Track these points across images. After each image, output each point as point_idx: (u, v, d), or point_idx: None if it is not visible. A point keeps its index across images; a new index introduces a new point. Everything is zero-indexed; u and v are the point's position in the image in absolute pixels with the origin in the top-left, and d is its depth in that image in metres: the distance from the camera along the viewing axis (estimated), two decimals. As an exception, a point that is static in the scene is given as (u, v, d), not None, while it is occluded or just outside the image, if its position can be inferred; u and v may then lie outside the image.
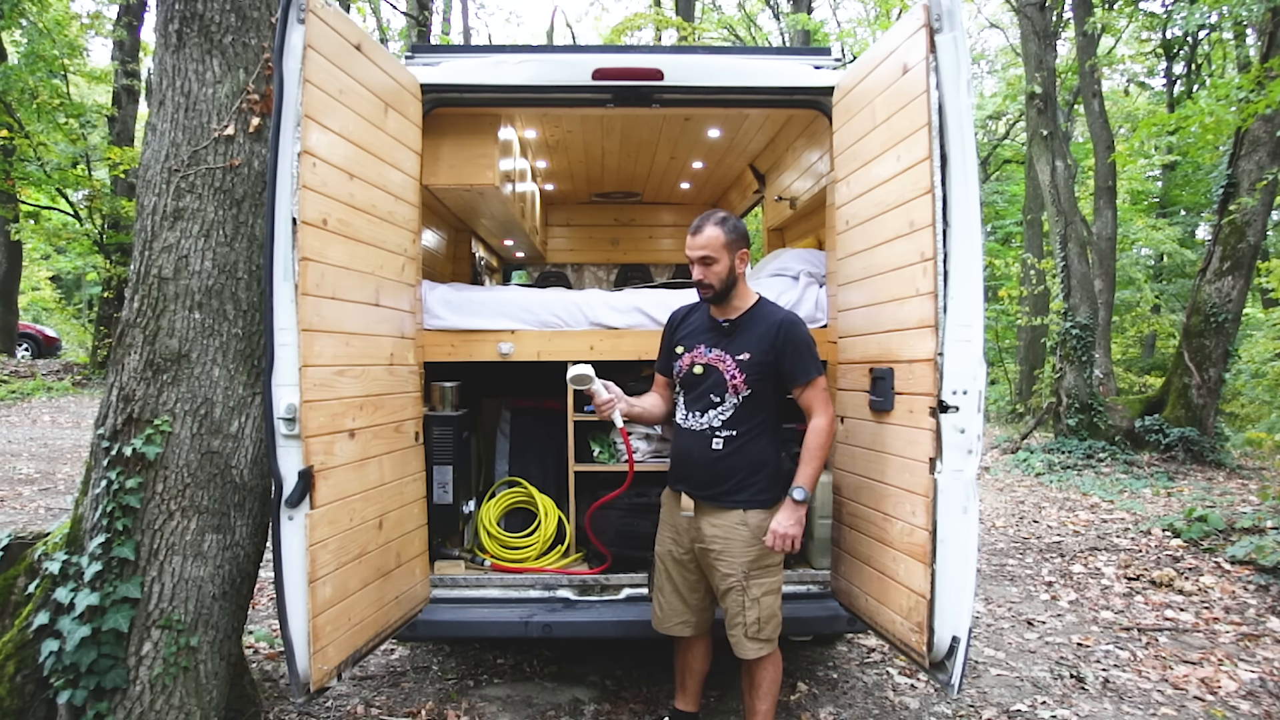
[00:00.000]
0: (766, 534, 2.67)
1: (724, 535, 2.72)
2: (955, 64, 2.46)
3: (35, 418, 11.15)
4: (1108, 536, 6.54)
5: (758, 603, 2.70)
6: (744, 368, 2.69)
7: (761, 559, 2.71)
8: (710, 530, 2.74)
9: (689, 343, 2.82)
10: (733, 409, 2.71)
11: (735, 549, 2.70)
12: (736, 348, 2.72)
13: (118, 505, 2.59)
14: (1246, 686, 3.72)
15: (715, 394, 2.73)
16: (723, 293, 2.72)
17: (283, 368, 2.42)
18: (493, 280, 6.63)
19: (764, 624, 2.71)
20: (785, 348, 2.68)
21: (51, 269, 24.11)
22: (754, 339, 2.71)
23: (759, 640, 2.71)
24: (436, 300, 3.47)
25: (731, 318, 2.77)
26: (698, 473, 2.75)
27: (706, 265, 2.68)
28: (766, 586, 2.72)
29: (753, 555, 2.70)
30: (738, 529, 2.70)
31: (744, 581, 2.70)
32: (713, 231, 2.67)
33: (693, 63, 3.42)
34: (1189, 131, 9.56)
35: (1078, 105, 16.68)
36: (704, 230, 2.68)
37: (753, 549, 2.69)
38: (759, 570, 2.71)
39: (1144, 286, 17.92)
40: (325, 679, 2.47)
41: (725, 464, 2.71)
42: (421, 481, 3.22)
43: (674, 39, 16.88)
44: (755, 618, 2.70)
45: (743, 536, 2.70)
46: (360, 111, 2.75)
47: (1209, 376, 9.51)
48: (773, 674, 2.80)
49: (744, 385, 2.69)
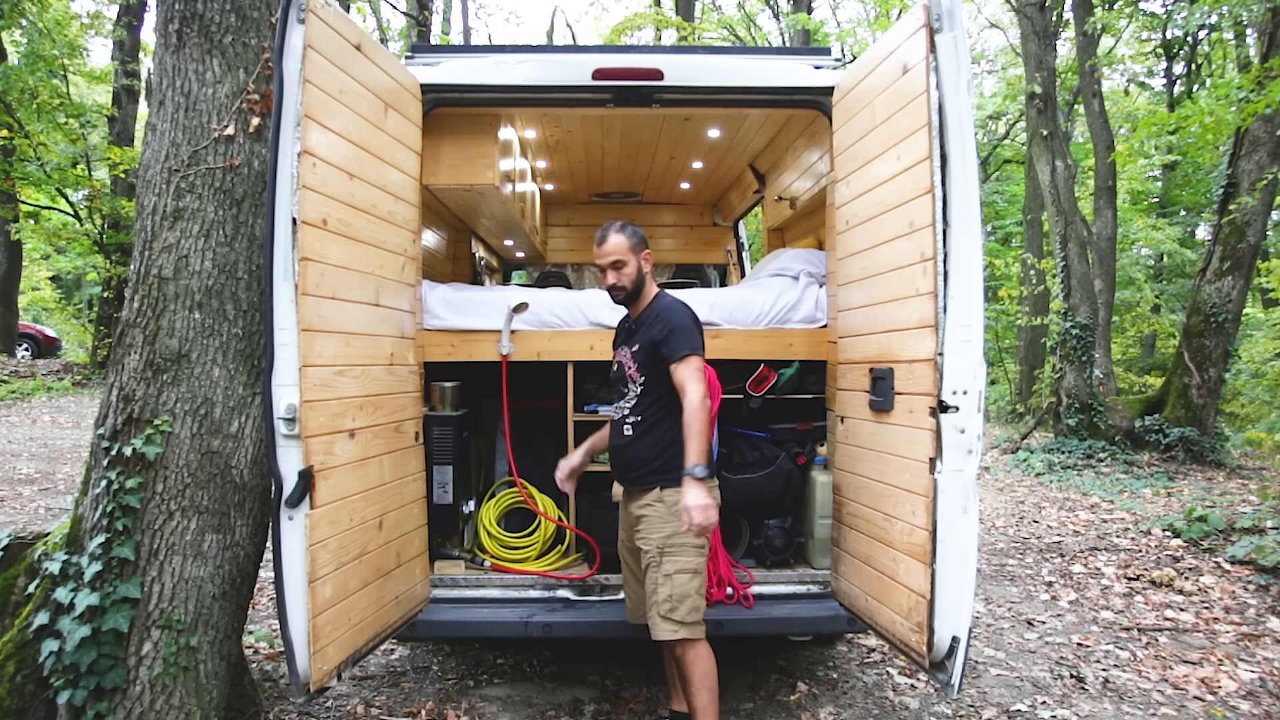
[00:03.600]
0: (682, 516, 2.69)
1: (644, 514, 2.86)
2: (955, 64, 2.46)
3: (35, 418, 11.15)
4: (1108, 536, 6.54)
5: (670, 579, 2.75)
6: (635, 357, 2.91)
7: (675, 536, 2.77)
8: (635, 513, 2.90)
9: (616, 344, 3.12)
10: (635, 397, 2.91)
11: (652, 526, 2.83)
12: (634, 342, 2.93)
13: (118, 505, 2.59)
14: (1246, 686, 3.72)
15: (623, 385, 2.97)
16: (634, 293, 2.93)
17: (283, 368, 2.42)
18: (493, 280, 6.63)
19: (677, 603, 2.72)
20: (662, 332, 2.82)
21: (51, 269, 24.11)
22: (645, 331, 2.90)
23: (672, 621, 2.72)
24: (436, 300, 3.47)
25: (635, 316, 2.99)
26: (617, 459, 2.99)
27: (618, 269, 2.90)
28: (680, 565, 2.76)
29: (667, 532, 2.79)
30: (654, 506, 2.83)
31: (659, 558, 2.78)
32: (617, 238, 2.89)
33: (693, 63, 3.42)
34: (1189, 131, 9.55)
35: (1078, 105, 16.69)
36: (609, 238, 2.90)
37: (667, 525, 2.79)
38: (673, 548, 2.78)
39: (1144, 286, 17.92)
40: (325, 679, 2.47)
41: (635, 447, 2.90)
42: (421, 481, 3.22)
43: (674, 39, 16.87)
44: (668, 594, 2.73)
45: (659, 513, 2.82)
46: (360, 111, 2.75)
47: (1209, 376, 9.51)
48: (703, 667, 2.74)
49: (637, 374, 2.90)
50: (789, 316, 3.60)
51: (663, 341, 2.80)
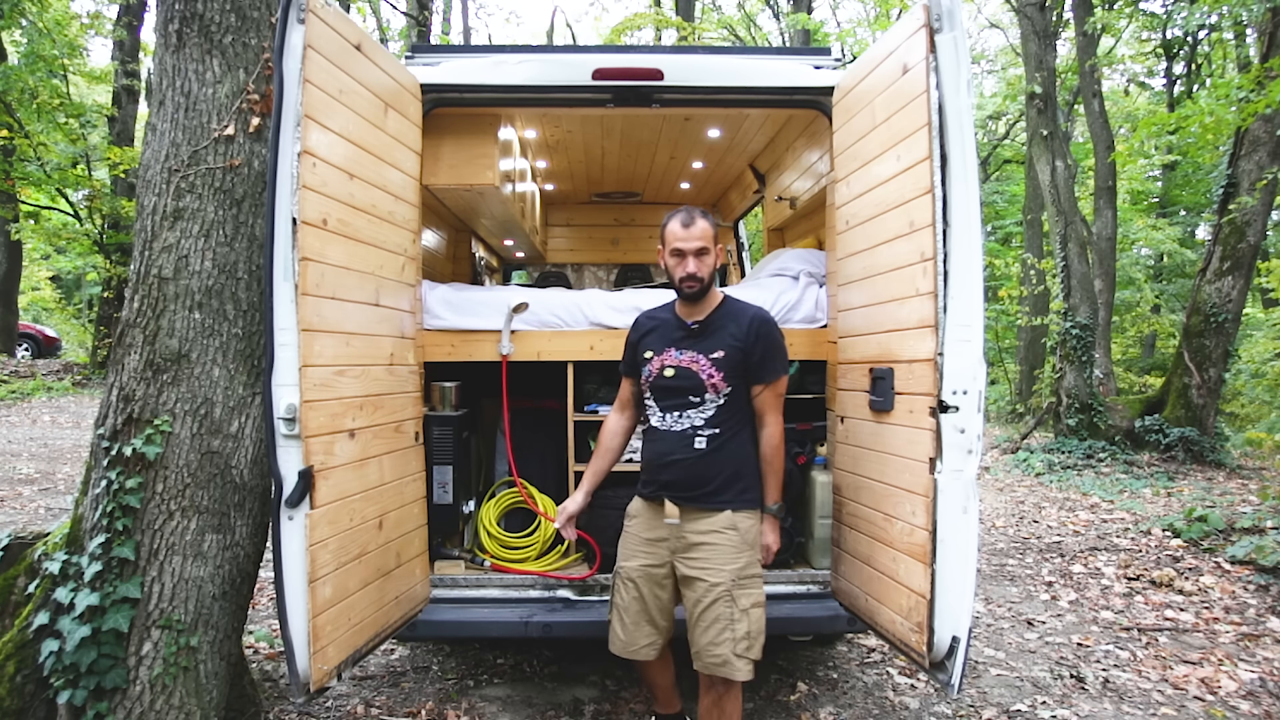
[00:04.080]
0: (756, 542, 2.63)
1: (711, 540, 2.58)
2: (955, 64, 2.46)
3: (35, 418, 11.15)
4: (1108, 536, 6.54)
5: (747, 614, 2.53)
6: (719, 365, 2.63)
7: (749, 567, 2.58)
8: (696, 536, 2.59)
9: (657, 346, 2.72)
10: (714, 408, 2.64)
11: (724, 555, 2.56)
12: (709, 347, 2.65)
13: (118, 505, 2.59)
14: (1246, 686, 3.72)
15: (694, 394, 2.64)
16: (708, 287, 2.66)
17: (283, 368, 2.42)
18: (493, 280, 6.63)
19: (754, 640, 2.53)
20: (758, 343, 2.64)
21: (51, 269, 24.12)
22: (727, 336, 2.65)
23: (747, 659, 2.52)
24: (436, 300, 3.47)
25: (700, 318, 2.70)
26: (681, 474, 2.62)
27: (701, 257, 2.61)
28: (755, 599, 2.57)
29: (741, 563, 2.56)
30: (727, 533, 2.58)
31: (732, 590, 2.53)
32: (704, 223, 2.63)
33: (693, 63, 3.42)
34: (1189, 131, 9.55)
35: (1078, 105, 16.69)
36: (696, 222, 2.62)
37: (742, 556, 2.57)
38: (748, 580, 2.57)
39: (1144, 286, 17.93)
40: (325, 679, 2.47)
41: (706, 463, 2.61)
42: (421, 481, 3.22)
43: (674, 39, 16.88)
44: (745, 632, 2.52)
45: (732, 541, 2.57)
46: (360, 111, 2.75)
47: (1209, 376, 9.51)
48: (739, 705, 2.62)
49: (723, 383, 2.63)
50: (789, 316, 3.60)
51: (760, 357, 2.63)
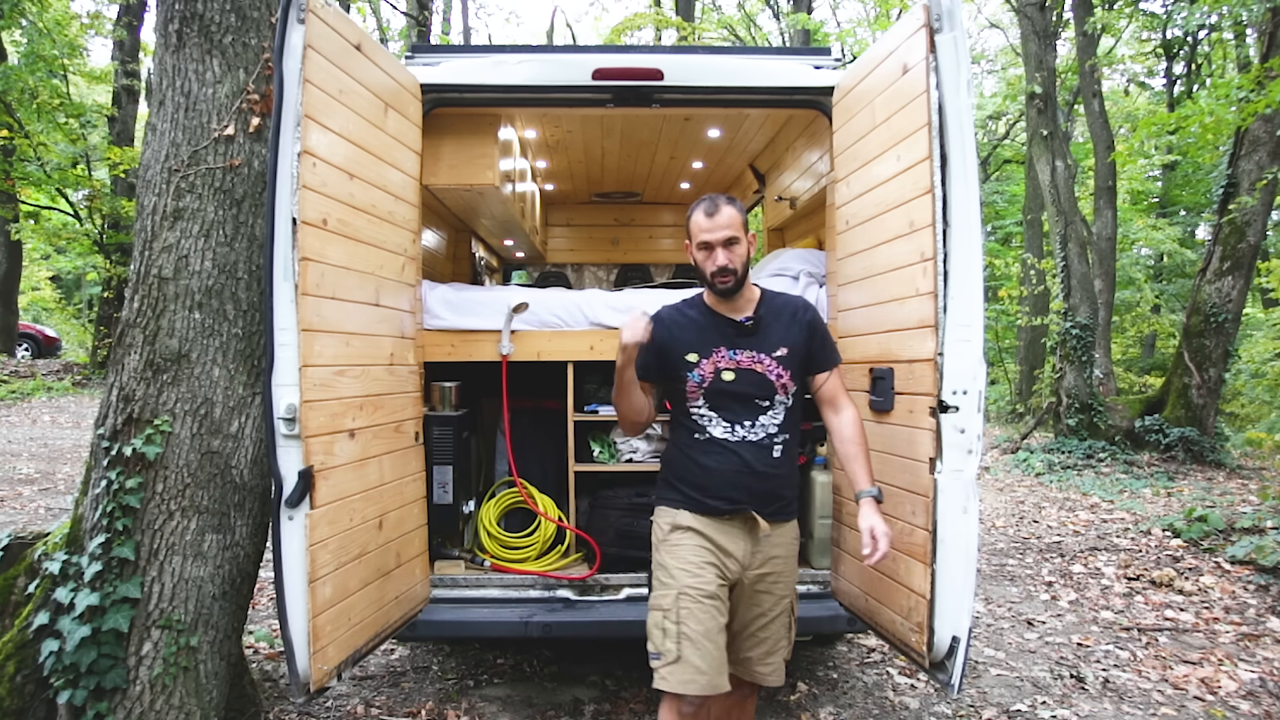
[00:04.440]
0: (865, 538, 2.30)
1: (785, 554, 2.46)
2: (955, 64, 2.46)
3: (35, 418, 11.15)
4: (1108, 536, 6.54)
5: (796, 622, 2.57)
6: (785, 364, 2.40)
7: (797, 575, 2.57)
8: (773, 550, 2.44)
9: (702, 347, 2.41)
10: (784, 411, 2.42)
11: (792, 567, 2.50)
12: (769, 345, 2.41)
13: (118, 505, 2.59)
14: (1246, 686, 3.72)
15: (761, 399, 2.40)
16: (742, 280, 2.38)
17: (283, 368, 2.42)
18: (493, 280, 6.63)
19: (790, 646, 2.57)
20: (814, 335, 2.47)
21: (51, 269, 24.11)
22: (782, 331, 2.44)
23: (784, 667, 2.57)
24: (436, 300, 3.47)
25: (749, 313, 2.44)
26: (761, 486, 2.38)
27: (730, 247, 2.34)
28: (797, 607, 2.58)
29: (798, 574, 2.56)
30: (793, 545, 2.50)
31: (794, 603, 2.54)
32: (730, 210, 2.36)
33: (693, 63, 3.42)
34: (1189, 131, 9.56)
35: (1078, 105, 16.69)
36: (722, 209, 2.34)
37: (795, 565, 2.53)
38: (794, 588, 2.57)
39: (1144, 286, 17.93)
40: (325, 679, 2.46)
41: (782, 472, 2.43)
42: (421, 481, 3.22)
43: (674, 39, 16.88)
44: (793, 638, 2.55)
45: (794, 553, 2.51)
46: (360, 111, 2.75)
47: (1209, 376, 9.51)
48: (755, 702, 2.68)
49: (791, 383, 2.42)
50: (789, 316, 3.59)
51: (817, 345, 2.47)
